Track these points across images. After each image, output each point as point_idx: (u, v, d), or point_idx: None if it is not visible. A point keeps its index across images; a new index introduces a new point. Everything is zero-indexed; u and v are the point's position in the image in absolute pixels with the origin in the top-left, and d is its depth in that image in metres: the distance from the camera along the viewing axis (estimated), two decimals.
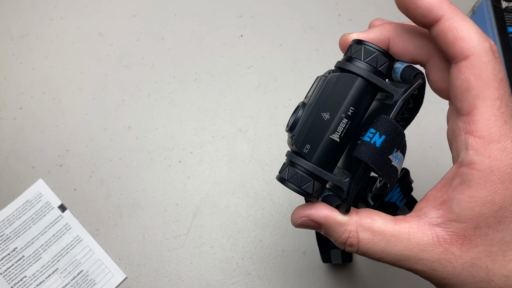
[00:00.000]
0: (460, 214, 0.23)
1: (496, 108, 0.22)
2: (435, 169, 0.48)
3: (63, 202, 0.46)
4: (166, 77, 0.52)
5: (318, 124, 0.25)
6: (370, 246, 0.25)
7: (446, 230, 0.23)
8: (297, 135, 0.26)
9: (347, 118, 0.25)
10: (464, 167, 0.23)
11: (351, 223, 0.25)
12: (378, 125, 0.24)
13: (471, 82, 0.22)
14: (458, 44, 0.23)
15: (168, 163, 0.48)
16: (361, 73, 0.25)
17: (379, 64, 0.25)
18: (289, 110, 0.51)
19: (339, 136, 0.26)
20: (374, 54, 0.25)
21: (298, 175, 0.26)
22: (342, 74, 0.25)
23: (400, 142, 0.25)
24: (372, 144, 0.24)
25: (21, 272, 0.43)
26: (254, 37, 0.55)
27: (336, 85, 0.25)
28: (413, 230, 0.24)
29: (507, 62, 0.46)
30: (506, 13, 0.49)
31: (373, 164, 0.24)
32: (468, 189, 0.23)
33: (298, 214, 0.27)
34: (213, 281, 0.44)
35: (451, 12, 0.23)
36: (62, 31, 0.54)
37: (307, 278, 0.44)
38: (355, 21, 0.56)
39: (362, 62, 0.25)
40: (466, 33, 0.22)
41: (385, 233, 0.25)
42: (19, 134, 0.49)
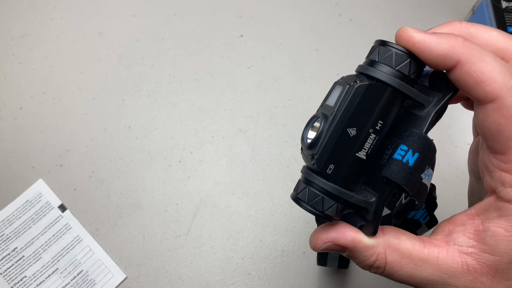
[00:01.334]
0: (494, 247, 0.22)
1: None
2: (435, 169, 0.48)
3: (63, 202, 0.46)
4: (166, 77, 0.52)
5: (344, 141, 0.22)
6: (397, 269, 0.24)
7: (477, 260, 0.23)
8: (320, 154, 0.23)
9: (375, 133, 0.23)
10: (503, 202, 0.22)
11: (380, 245, 0.24)
12: (410, 142, 0.22)
13: (501, 124, 0.21)
14: (480, 88, 0.21)
15: (168, 163, 0.48)
16: (392, 82, 0.22)
17: (411, 71, 0.23)
18: (289, 110, 0.51)
19: (366, 153, 0.23)
20: (407, 61, 0.22)
21: (320, 198, 0.23)
22: (371, 84, 0.22)
23: (432, 158, 0.23)
24: (404, 163, 0.22)
25: (21, 272, 0.43)
26: (254, 37, 0.55)
27: (364, 97, 0.22)
28: (442, 255, 0.23)
29: None
30: (506, 13, 0.49)
31: (406, 185, 0.22)
32: (506, 223, 0.22)
33: (322, 239, 0.25)
34: (213, 281, 0.44)
35: (466, 55, 0.21)
36: (62, 31, 0.54)
37: (307, 278, 0.44)
38: (355, 21, 0.56)
39: (393, 70, 0.22)
40: (488, 75, 0.21)
41: (413, 256, 0.24)
42: (19, 134, 0.49)
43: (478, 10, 0.52)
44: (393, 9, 0.57)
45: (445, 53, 0.21)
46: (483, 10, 0.51)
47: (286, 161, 0.48)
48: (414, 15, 0.56)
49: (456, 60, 0.21)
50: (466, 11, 0.56)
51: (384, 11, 0.57)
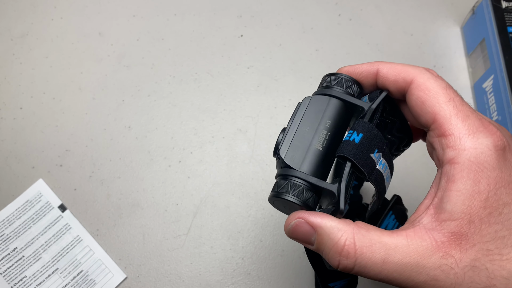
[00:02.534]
0: (452, 211, 0.23)
1: (453, 107, 0.25)
2: (435, 168, 0.48)
3: (63, 202, 0.46)
4: (166, 77, 0.52)
5: (301, 137, 0.27)
6: (369, 255, 0.23)
7: (442, 232, 0.23)
8: (281, 150, 0.27)
9: (326, 130, 0.27)
10: (446, 165, 0.24)
11: (347, 230, 0.24)
12: (355, 126, 0.26)
13: (422, 96, 0.26)
14: (400, 77, 0.27)
15: (168, 163, 0.48)
16: (332, 93, 0.28)
17: (345, 85, 0.29)
18: (289, 110, 0.51)
19: (321, 145, 0.27)
20: (339, 79, 0.29)
21: (288, 184, 0.26)
22: (315, 96, 0.28)
23: (380, 144, 0.26)
24: (351, 141, 0.26)
25: (21, 272, 0.43)
26: (254, 37, 0.55)
27: (311, 104, 0.28)
28: (411, 237, 0.24)
29: (507, 62, 0.46)
30: (506, 13, 0.49)
31: (354, 159, 0.25)
32: (454, 184, 0.23)
33: (294, 216, 0.26)
34: (213, 281, 0.44)
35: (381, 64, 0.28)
36: (62, 31, 0.54)
37: (307, 278, 0.44)
38: (355, 21, 0.56)
39: (331, 86, 0.29)
40: (401, 69, 0.27)
41: (384, 242, 0.24)
42: (19, 134, 0.49)
43: (478, 10, 0.52)
44: (393, 9, 0.57)
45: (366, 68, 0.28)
46: (483, 10, 0.51)
47: None
48: (414, 15, 0.57)
49: (375, 69, 0.28)
50: (466, 11, 0.56)
51: (384, 11, 0.57)
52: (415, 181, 0.47)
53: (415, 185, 0.47)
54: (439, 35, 0.56)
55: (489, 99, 0.48)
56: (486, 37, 0.50)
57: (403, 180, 0.48)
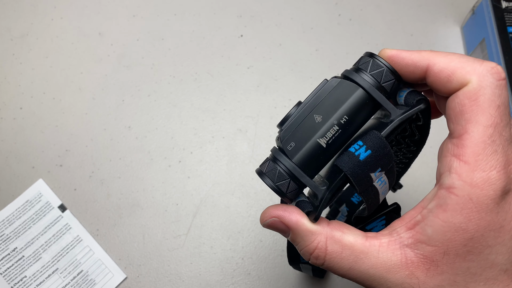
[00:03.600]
0: (431, 237, 0.22)
1: (488, 136, 0.22)
2: (434, 168, 0.48)
3: (63, 202, 0.46)
4: (166, 77, 0.52)
5: (308, 124, 0.25)
6: (337, 261, 0.24)
7: (415, 252, 0.23)
8: (284, 131, 0.25)
9: (338, 126, 0.25)
10: (443, 190, 0.22)
11: (321, 233, 0.24)
12: (366, 139, 0.24)
13: (465, 105, 0.22)
14: (453, 79, 0.23)
15: (168, 163, 0.48)
16: (363, 84, 0.24)
17: (384, 80, 0.25)
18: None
19: (326, 141, 0.25)
20: (381, 69, 0.25)
21: (276, 171, 0.25)
22: (343, 80, 0.25)
23: (387, 163, 0.24)
24: (355, 156, 0.23)
25: (21, 272, 0.43)
26: (254, 37, 0.55)
27: (335, 89, 0.25)
28: (383, 249, 0.24)
29: (507, 62, 0.46)
30: (506, 13, 0.49)
31: (351, 176, 0.23)
32: (444, 213, 0.22)
33: (269, 213, 0.26)
34: (213, 281, 0.44)
35: (433, 57, 0.23)
36: (62, 31, 0.54)
37: (307, 278, 0.44)
38: (355, 21, 0.56)
39: (367, 74, 0.25)
40: (456, 65, 0.23)
41: (355, 249, 0.24)
42: (19, 134, 0.49)
43: (478, 10, 0.52)
44: (393, 9, 0.57)
45: (415, 60, 0.24)
46: (483, 10, 0.51)
47: None
48: (414, 15, 0.57)
49: (426, 64, 0.24)
50: (466, 11, 0.56)
51: (384, 11, 0.57)
52: (415, 181, 0.47)
53: (414, 185, 0.47)
54: (439, 35, 0.56)
55: None
56: (486, 37, 0.50)
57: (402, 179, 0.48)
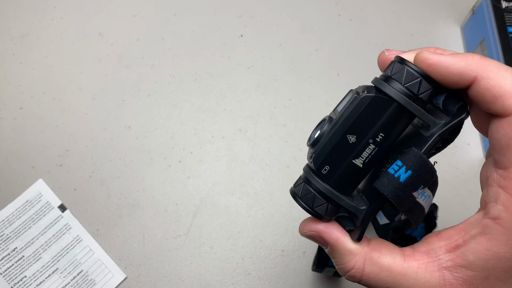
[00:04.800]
0: (473, 263, 0.22)
1: None
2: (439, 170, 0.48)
3: (63, 202, 0.46)
4: (166, 77, 0.52)
5: (342, 146, 0.23)
6: (375, 281, 0.24)
7: (453, 275, 0.23)
8: (318, 154, 0.24)
9: (374, 144, 0.23)
10: (489, 220, 0.22)
11: (360, 254, 0.24)
12: (406, 159, 0.22)
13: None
14: (499, 102, 0.21)
15: (168, 163, 0.48)
16: (398, 99, 0.23)
17: (420, 91, 0.23)
18: (289, 110, 0.51)
19: (363, 161, 0.24)
20: (417, 80, 0.22)
21: (312, 195, 0.24)
22: (376, 96, 0.23)
23: (429, 179, 0.23)
24: (395, 178, 0.22)
25: (21, 272, 0.43)
26: (254, 37, 0.55)
27: (368, 107, 0.23)
28: (421, 270, 0.24)
29: (507, 62, 0.46)
30: (506, 13, 0.49)
31: (393, 200, 0.22)
32: (488, 242, 0.22)
33: (309, 227, 0.26)
34: (213, 281, 0.44)
35: (483, 70, 0.22)
36: (62, 31, 0.54)
37: (307, 278, 0.44)
38: (355, 21, 0.56)
39: (402, 86, 0.23)
40: (506, 89, 0.21)
41: (392, 270, 0.24)
42: (19, 134, 0.49)
43: (478, 10, 0.52)
44: (393, 9, 0.57)
45: (461, 70, 0.22)
46: (483, 10, 0.51)
47: (286, 161, 0.48)
48: (414, 15, 0.56)
49: (473, 77, 0.22)
50: (466, 11, 0.56)
51: (384, 11, 0.57)
52: None
53: None
54: (439, 35, 0.56)
55: None
56: (486, 37, 0.50)
57: None
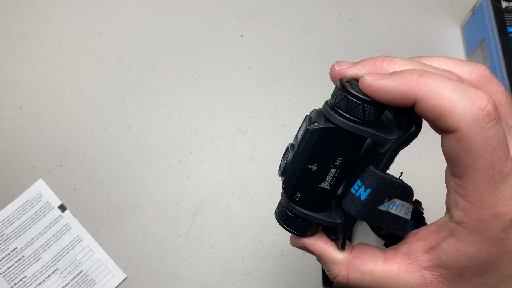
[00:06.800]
0: (447, 263, 0.24)
1: (488, 177, 0.21)
2: (435, 168, 0.48)
3: (63, 202, 0.46)
4: (166, 77, 0.52)
5: (306, 174, 0.25)
6: (360, 285, 0.26)
7: (432, 274, 0.25)
8: (287, 184, 0.26)
9: (335, 168, 0.25)
10: (454, 224, 0.23)
11: (343, 263, 0.27)
12: (364, 178, 0.24)
13: (459, 153, 0.21)
14: (441, 121, 0.21)
15: (168, 163, 0.48)
16: (345, 127, 0.23)
17: (366, 114, 0.23)
18: (289, 110, 0.51)
19: (329, 184, 0.25)
20: (359, 106, 0.23)
21: (292, 219, 0.27)
22: (325, 128, 0.24)
23: (393, 192, 0.24)
24: (357, 197, 0.24)
25: (21, 272, 0.43)
26: (254, 37, 0.55)
27: (320, 139, 0.24)
28: (402, 272, 0.25)
29: (507, 62, 0.46)
30: (506, 13, 0.49)
31: (359, 217, 0.24)
32: (456, 243, 0.23)
33: (295, 241, 0.29)
34: (213, 281, 0.44)
35: (422, 91, 0.21)
36: (62, 31, 0.54)
37: (307, 278, 0.44)
38: (355, 21, 0.56)
39: (347, 114, 0.23)
40: (446, 108, 0.21)
41: (375, 275, 0.26)
42: (19, 134, 0.49)
43: (478, 10, 0.52)
44: (393, 9, 0.57)
45: (402, 94, 0.22)
46: (483, 10, 0.51)
47: None
48: (414, 15, 0.57)
49: (414, 98, 0.22)
50: (466, 11, 0.56)
51: (384, 11, 0.57)
52: (415, 180, 0.47)
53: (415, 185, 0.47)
54: (439, 35, 0.56)
55: None
56: (486, 37, 0.50)
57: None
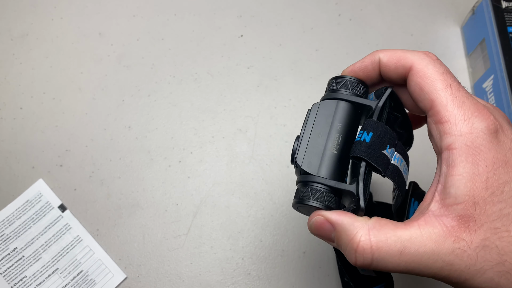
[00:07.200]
0: (456, 195, 0.24)
1: (449, 94, 0.25)
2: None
3: (63, 202, 0.46)
4: (166, 77, 0.52)
5: (315, 144, 0.28)
6: (386, 250, 0.24)
7: (450, 216, 0.24)
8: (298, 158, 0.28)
9: (338, 133, 0.28)
10: (445, 152, 0.25)
11: (363, 227, 0.25)
12: (365, 126, 0.27)
13: (420, 82, 0.26)
14: (399, 65, 0.28)
15: (168, 163, 0.48)
16: (339, 96, 0.29)
17: (351, 87, 0.29)
18: (289, 110, 0.51)
19: (336, 148, 0.28)
20: (344, 81, 0.29)
21: (321, 193, 0.27)
22: (323, 101, 0.29)
23: (391, 139, 0.27)
24: (362, 141, 0.26)
25: (21, 272, 0.43)
26: (254, 37, 0.55)
27: (320, 109, 0.29)
28: (423, 226, 0.25)
29: (507, 62, 0.46)
30: (506, 13, 0.49)
31: (368, 158, 0.26)
32: (454, 168, 0.24)
33: (314, 213, 0.28)
34: (213, 281, 0.44)
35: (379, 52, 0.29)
36: (62, 31, 0.54)
37: (307, 278, 0.44)
38: (355, 21, 0.56)
39: (337, 89, 0.29)
40: (398, 55, 0.28)
41: (398, 234, 0.25)
42: (19, 134, 0.49)
43: (478, 10, 0.52)
44: (393, 9, 0.57)
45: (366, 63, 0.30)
46: (483, 10, 0.51)
47: (286, 161, 0.48)
48: (414, 15, 0.57)
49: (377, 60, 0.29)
50: (466, 11, 0.56)
51: (384, 11, 0.57)
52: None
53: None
54: (439, 35, 0.56)
55: (489, 99, 0.48)
56: (486, 37, 0.50)
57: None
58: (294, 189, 0.47)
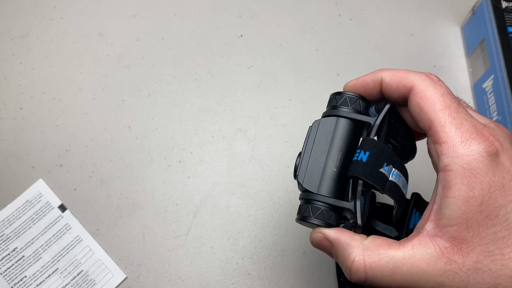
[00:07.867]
0: (450, 217, 0.24)
1: (448, 115, 0.26)
2: None
3: (63, 202, 0.46)
4: (166, 77, 0.52)
5: (315, 160, 0.29)
6: (379, 270, 0.25)
7: (444, 237, 0.25)
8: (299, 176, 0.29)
9: (337, 150, 0.29)
10: (441, 172, 0.25)
11: (358, 247, 0.26)
12: (362, 145, 0.28)
13: (420, 103, 0.27)
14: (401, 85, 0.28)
15: (168, 163, 0.48)
16: (339, 113, 0.30)
17: (351, 103, 0.30)
18: (289, 110, 0.51)
19: (335, 166, 0.29)
20: (344, 98, 0.30)
21: (321, 211, 0.28)
22: (323, 118, 0.30)
23: (389, 157, 0.28)
24: (359, 160, 0.27)
25: (21, 272, 0.43)
26: (254, 37, 0.55)
27: (321, 127, 0.30)
28: (416, 247, 0.25)
29: (507, 62, 0.46)
30: (506, 13, 0.49)
31: (365, 177, 0.27)
32: (450, 190, 0.24)
33: (315, 230, 0.29)
34: (213, 281, 0.44)
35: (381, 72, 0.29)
36: (62, 31, 0.54)
37: (307, 278, 0.44)
38: (355, 21, 0.56)
39: (337, 106, 0.30)
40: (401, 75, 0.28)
41: (391, 255, 0.25)
42: (19, 134, 0.49)
43: (478, 10, 0.52)
44: (393, 9, 0.57)
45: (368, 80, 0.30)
46: (483, 10, 0.51)
47: (286, 161, 0.48)
48: (414, 15, 0.57)
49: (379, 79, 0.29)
50: (466, 11, 0.56)
51: (384, 11, 0.57)
52: (416, 181, 0.47)
53: (416, 185, 0.47)
54: (439, 35, 0.56)
55: (489, 99, 0.48)
56: (486, 37, 0.50)
57: None
58: (294, 189, 0.47)
